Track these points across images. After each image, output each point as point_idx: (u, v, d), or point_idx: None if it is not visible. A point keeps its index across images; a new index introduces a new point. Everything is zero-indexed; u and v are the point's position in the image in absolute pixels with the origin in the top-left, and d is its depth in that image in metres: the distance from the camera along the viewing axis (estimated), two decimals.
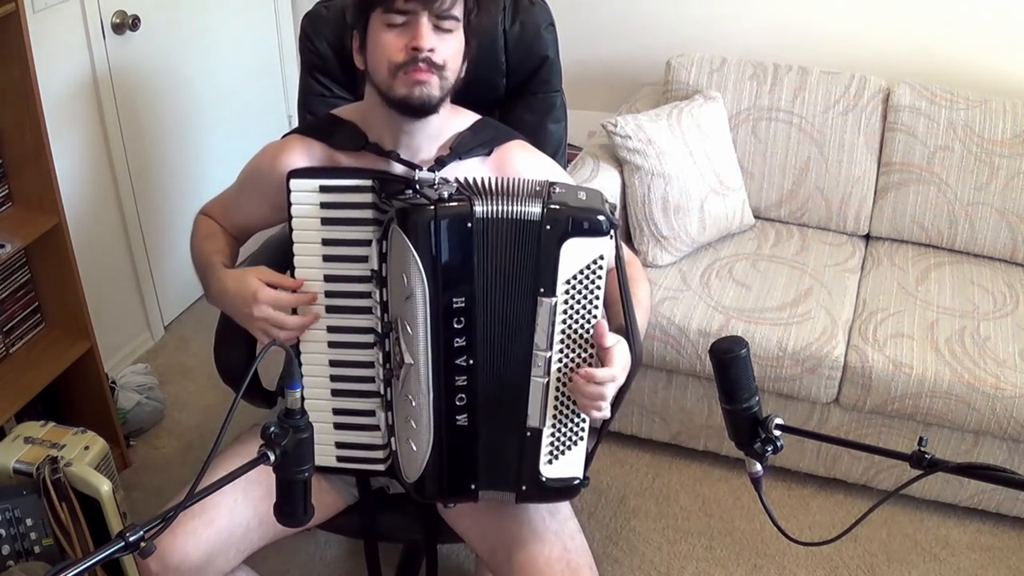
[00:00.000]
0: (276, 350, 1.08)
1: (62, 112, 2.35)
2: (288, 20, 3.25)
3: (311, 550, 2.17)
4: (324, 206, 1.38)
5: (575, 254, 1.28)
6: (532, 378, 1.33)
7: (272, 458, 1.04)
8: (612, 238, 1.30)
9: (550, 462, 1.37)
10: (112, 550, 0.91)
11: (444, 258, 1.28)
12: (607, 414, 1.31)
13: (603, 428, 1.42)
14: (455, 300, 1.30)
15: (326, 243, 1.38)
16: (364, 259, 1.37)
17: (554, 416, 1.34)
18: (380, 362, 1.39)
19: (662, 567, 2.15)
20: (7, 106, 1.96)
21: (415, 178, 1.37)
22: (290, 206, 1.38)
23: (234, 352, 1.57)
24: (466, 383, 1.34)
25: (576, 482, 1.39)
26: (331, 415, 1.44)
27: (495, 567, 1.47)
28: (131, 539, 0.92)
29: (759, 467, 1.17)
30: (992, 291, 2.40)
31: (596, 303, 1.30)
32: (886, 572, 2.15)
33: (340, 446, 1.45)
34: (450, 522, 1.55)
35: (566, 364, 1.32)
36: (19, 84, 1.91)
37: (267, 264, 1.46)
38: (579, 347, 1.32)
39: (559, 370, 1.32)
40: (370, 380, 1.42)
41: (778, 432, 1.15)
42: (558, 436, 1.36)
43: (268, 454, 1.04)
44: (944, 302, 2.35)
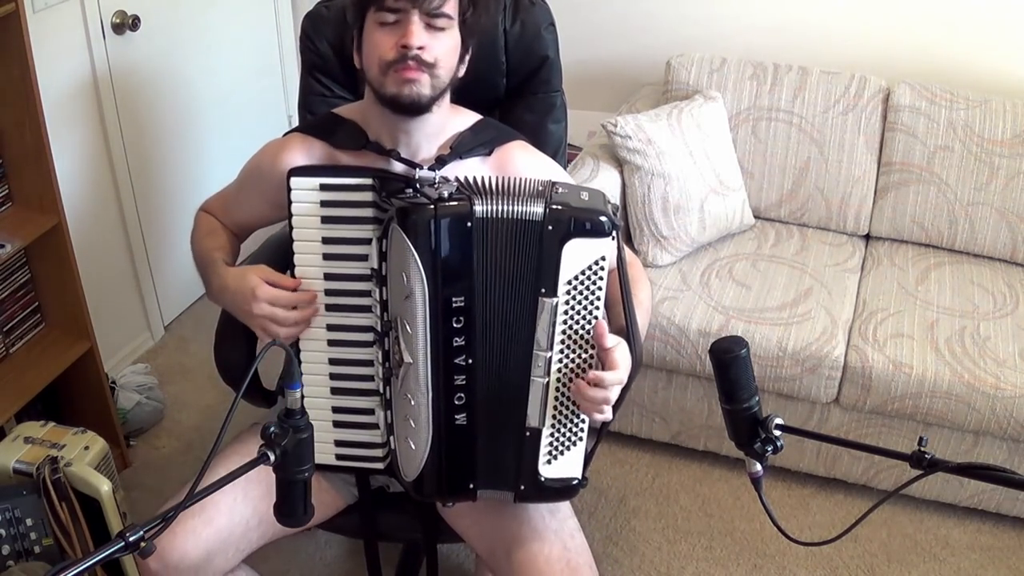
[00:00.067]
0: (276, 350, 1.08)
1: (62, 112, 2.34)
2: (288, 20, 3.25)
3: (311, 550, 2.17)
4: (324, 204, 1.38)
5: (577, 254, 1.28)
6: (532, 378, 1.33)
7: (272, 458, 1.04)
8: (614, 239, 1.30)
9: (549, 462, 1.37)
10: (112, 550, 0.91)
11: (444, 257, 1.28)
12: (609, 416, 1.31)
13: (602, 429, 1.42)
14: (454, 299, 1.30)
15: (326, 241, 1.39)
16: (364, 258, 1.37)
17: (553, 416, 1.34)
18: (380, 361, 1.39)
19: (662, 567, 2.15)
20: (7, 106, 1.96)
21: (415, 177, 1.37)
22: (290, 204, 1.38)
23: (234, 352, 1.57)
24: (465, 382, 1.34)
25: (575, 482, 1.39)
26: (331, 413, 1.44)
27: (495, 566, 1.47)
28: (131, 539, 0.92)
29: (759, 467, 1.17)
30: (992, 291, 2.40)
31: (597, 304, 1.30)
32: (886, 572, 2.15)
33: (340, 444, 1.45)
34: (450, 521, 1.55)
35: (566, 365, 1.32)
36: (19, 84, 1.91)
37: (267, 263, 1.46)
38: (579, 348, 1.32)
39: (559, 370, 1.32)
40: (370, 379, 1.42)
41: (778, 432, 1.15)
42: (557, 436, 1.36)
43: (268, 454, 1.04)
44: (944, 302, 2.35)
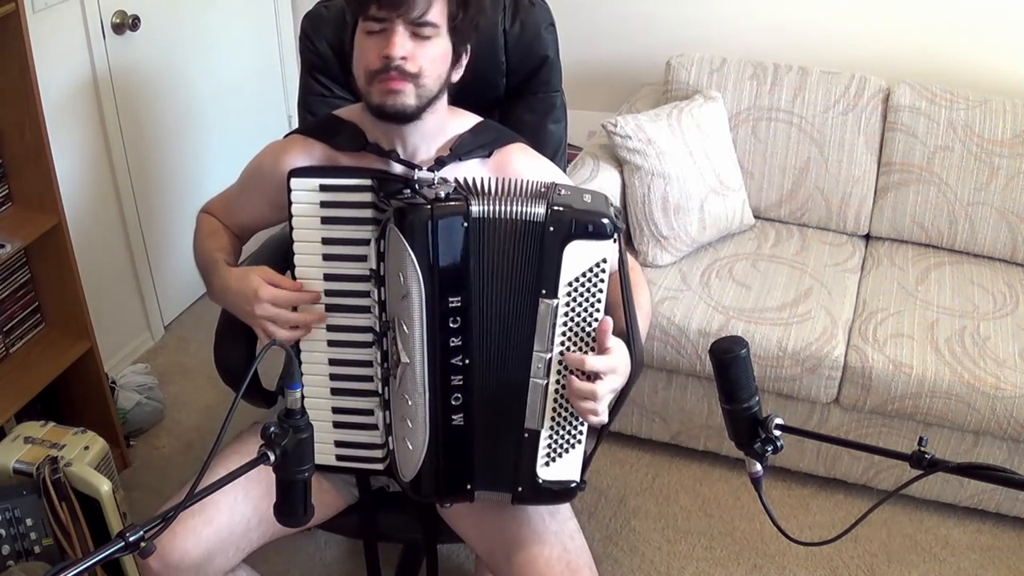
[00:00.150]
0: (276, 350, 1.08)
1: (62, 112, 2.35)
2: (288, 20, 3.25)
3: (311, 550, 2.17)
4: (324, 205, 1.38)
5: (578, 256, 1.27)
6: (531, 379, 1.32)
7: (272, 458, 1.04)
8: (616, 242, 1.30)
9: (547, 464, 1.37)
10: (112, 550, 0.91)
11: (440, 257, 1.28)
12: (604, 419, 1.31)
13: (602, 432, 1.42)
14: (451, 299, 1.30)
15: (326, 242, 1.39)
16: (363, 258, 1.37)
17: (552, 418, 1.34)
18: (378, 361, 1.39)
19: (662, 567, 2.15)
20: (7, 106, 1.96)
21: (414, 178, 1.38)
22: (290, 205, 1.39)
23: (234, 352, 1.57)
24: (462, 382, 1.34)
25: (573, 485, 1.39)
26: (330, 414, 1.44)
27: (495, 568, 1.47)
28: (131, 539, 0.92)
29: (759, 467, 1.17)
30: (992, 291, 2.40)
31: (598, 306, 1.30)
32: (886, 572, 2.15)
33: (339, 445, 1.45)
34: (450, 522, 1.55)
35: (565, 366, 1.32)
36: (19, 84, 1.91)
37: (268, 263, 1.46)
38: (579, 350, 1.32)
39: (558, 372, 1.32)
40: (369, 379, 1.42)
41: (778, 432, 1.15)
42: (556, 438, 1.36)
43: (268, 454, 1.04)
44: (944, 302, 2.35)
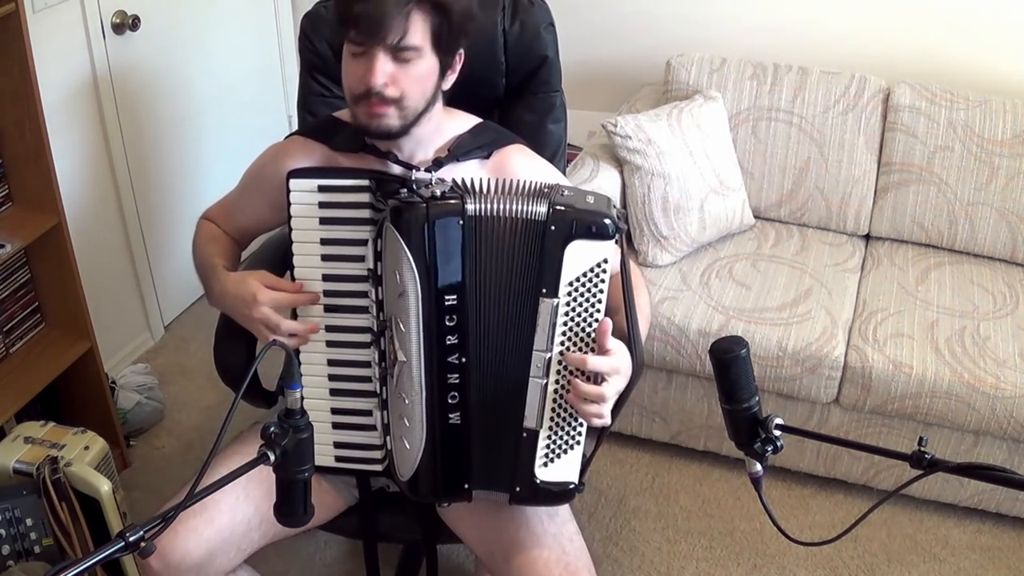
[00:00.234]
0: (276, 350, 1.08)
1: (62, 112, 2.35)
2: (288, 20, 3.25)
3: (311, 550, 2.17)
4: (323, 206, 1.38)
5: (579, 256, 1.27)
6: (530, 379, 1.32)
7: (272, 458, 1.04)
8: (617, 243, 1.30)
9: (545, 465, 1.36)
10: (112, 550, 0.91)
11: (436, 255, 1.28)
12: (607, 421, 1.30)
13: (602, 434, 1.41)
14: (447, 297, 1.30)
15: (324, 242, 1.39)
16: (362, 259, 1.37)
17: (551, 419, 1.34)
18: (376, 361, 1.39)
19: (662, 567, 2.15)
20: (7, 106, 1.96)
21: (411, 178, 1.38)
22: (289, 205, 1.39)
23: (234, 352, 1.57)
24: (458, 381, 1.34)
25: (571, 487, 1.38)
26: (329, 415, 1.44)
27: (494, 569, 1.47)
28: (131, 539, 0.92)
29: (759, 467, 1.17)
30: (992, 291, 2.40)
31: (599, 307, 1.30)
32: (886, 572, 2.15)
33: (338, 446, 1.45)
34: (449, 523, 1.55)
35: (565, 367, 1.32)
36: (19, 84, 1.91)
37: (267, 264, 1.47)
38: (579, 351, 1.31)
39: (558, 372, 1.32)
40: (368, 380, 1.42)
41: (778, 432, 1.15)
42: (555, 439, 1.35)
43: (268, 454, 1.04)
44: (944, 302, 2.35)
